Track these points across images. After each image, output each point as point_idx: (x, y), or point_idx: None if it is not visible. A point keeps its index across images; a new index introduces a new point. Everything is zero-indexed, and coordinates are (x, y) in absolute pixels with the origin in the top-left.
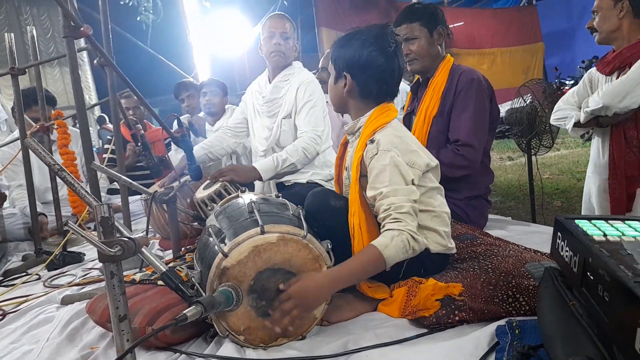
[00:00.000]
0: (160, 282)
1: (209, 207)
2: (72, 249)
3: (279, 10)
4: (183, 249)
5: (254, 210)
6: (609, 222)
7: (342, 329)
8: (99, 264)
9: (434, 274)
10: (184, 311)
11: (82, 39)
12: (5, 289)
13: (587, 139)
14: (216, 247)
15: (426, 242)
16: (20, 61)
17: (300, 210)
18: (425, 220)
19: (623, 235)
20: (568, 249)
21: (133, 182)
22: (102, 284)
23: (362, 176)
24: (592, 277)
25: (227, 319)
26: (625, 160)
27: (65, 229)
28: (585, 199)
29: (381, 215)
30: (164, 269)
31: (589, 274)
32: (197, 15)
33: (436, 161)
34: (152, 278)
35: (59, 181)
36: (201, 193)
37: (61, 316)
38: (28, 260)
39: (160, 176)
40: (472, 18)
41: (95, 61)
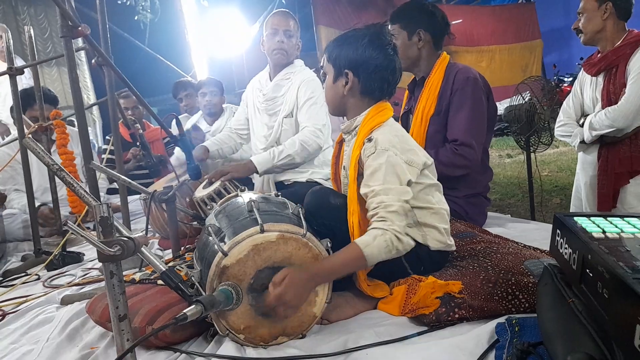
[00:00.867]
0: (160, 282)
1: (209, 206)
2: (72, 249)
3: (276, 8)
4: (182, 248)
5: (254, 209)
6: (608, 219)
7: (342, 327)
8: (98, 264)
9: (434, 271)
10: (184, 310)
11: (80, 38)
12: (4, 290)
13: None
14: (216, 246)
15: (412, 243)
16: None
17: (299, 209)
18: (424, 217)
19: (622, 232)
20: (567, 246)
21: (132, 182)
22: (102, 284)
23: (360, 175)
24: (591, 274)
25: (227, 318)
26: (619, 158)
27: (64, 229)
28: (575, 195)
29: (370, 213)
30: (163, 269)
31: (588, 271)
32: (194, 14)
33: (432, 159)
34: (152, 277)
35: (58, 181)
36: (200, 192)
37: (61, 316)
38: (27, 261)
39: (159, 176)
40: (471, 15)
41: (93, 61)
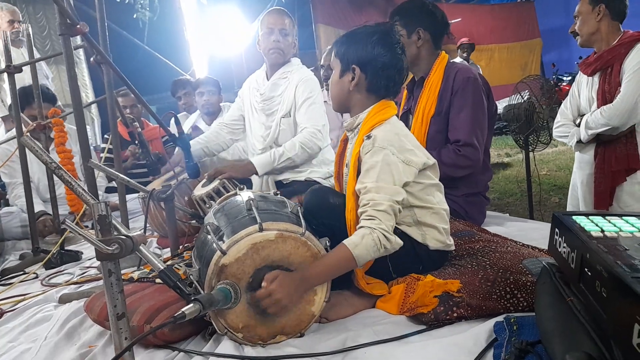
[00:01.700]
0: (158, 280)
1: (207, 205)
2: (70, 248)
3: (276, 6)
4: (181, 247)
5: (252, 207)
6: (607, 218)
7: (341, 326)
8: (96, 262)
9: (433, 270)
10: (182, 309)
11: (79, 36)
12: (2, 288)
13: None
14: (214, 245)
15: (400, 242)
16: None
17: (298, 208)
18: (424, 216)
19: (620, 231)
20: (566, 245)
21: (130, 180)
22: (100, 282)
23: (359, 172)
24: (589, 273)
25: (225, 316)
26: (615, 156)
27: (62, 228)
28: (572, 194)
29: (360, 210)
30: (162, 267)
31: (586, 269)
32: (194, 12)
33: (433, 160)
34: (150, 276)
35: (56, 180)
36: (199, 191)
37: (59, 315)
38: (25, 259)
39: (158, 174)
40: (470, 14)
41: (91, 59)
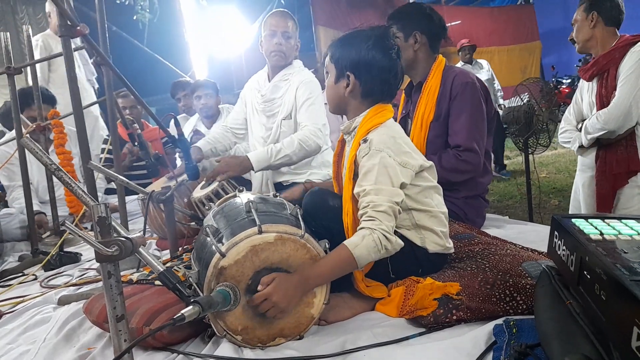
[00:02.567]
0: (157, 282)
1: (207, 207)
2: (69, 249)
3: (276, 8)
4: (180, 249)
5: (252, 209)
6: (605, 221)
7: (340, 328)
8: (96, 264)
9: (432, 272)
10: (182, 311)
11: (79, 38)
12: (1, 290)
13: None
14: (214, 247)
15: (401, 243)
16: (17, 60)
17: (297, 210)
18: (422, 219)
19: (620, 234)
20: (565, 247)
21: (130, 182)
22: (99, 284)
23: (356, 175)
24: (588, 276)
25: (224, 318)
26: (616, 158)
27: (62, 229)
28: (574, 196)
29: (360, 212)
30: (161, 269)
31: (585, 272)
32: (193, 13)
33: (430, 162)
34: (150, 278)
35: (56, 181)
36: (198, 193)
37: (58, 316)
38: (25, 261)
39: (157, 175)
40: (469, 17)
41: (91, 60)
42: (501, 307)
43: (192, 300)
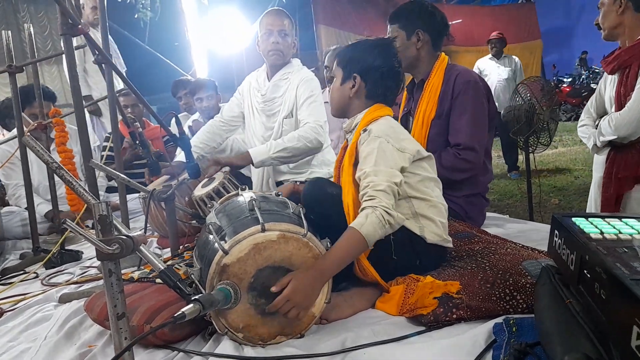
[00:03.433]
0: (158, 280)
1: (208, 205)
2: (70, 247)
3: (277, 7)
4: (181, 247)
5: (255, 208)
6: (606, 219)
7: (340, 326)
8: (97, 262)
9: (431, 266)
10: (182, 309)
11: (80, 36)
12: (3, 287)
13: None
14: (216, 245)
15: (402, 217)
16: (18, 59)
17: (300, 209)
18: (422, 208)
19: (620, 233)
20: (565, 246)
21: (131, 180)
22: (100, 282)
23: (357, 161)
24: (589, 275)
25: (226, 316)
26: (625, 162)
27: (63, 227)
28: (590, 195)
29: (360, 193)
30: (162, 267)
31: (585, 271)
32: (195, 12)
33: (428, 153)
34: (151, 276)
35: (57, 179)
36: (200, 191)
37: (59, 314)
38: (26, 259)
39: (158, 174)
40: (470, 15)
41: (93, 59)
42: (501, 306)
43: (192, 298)
